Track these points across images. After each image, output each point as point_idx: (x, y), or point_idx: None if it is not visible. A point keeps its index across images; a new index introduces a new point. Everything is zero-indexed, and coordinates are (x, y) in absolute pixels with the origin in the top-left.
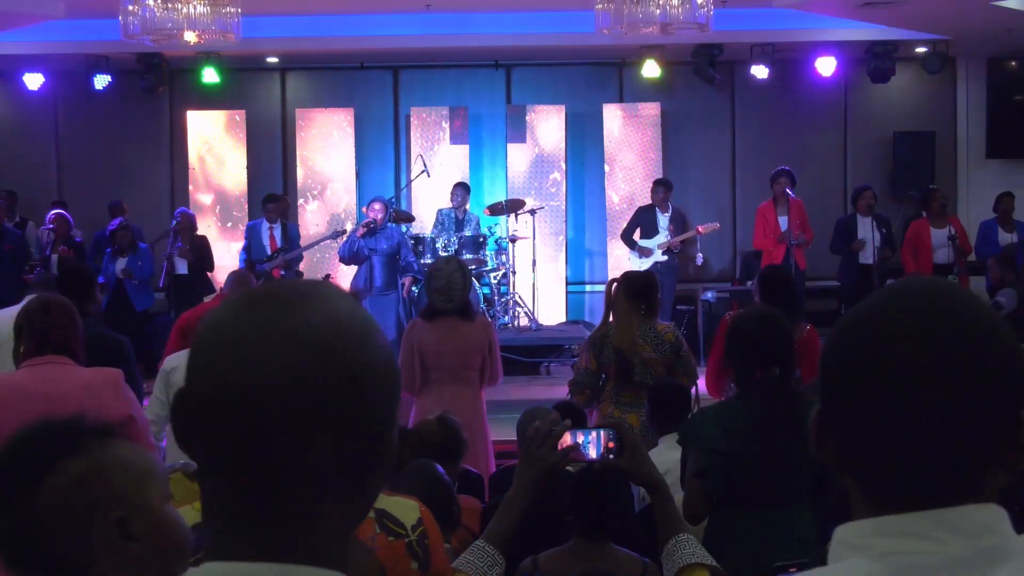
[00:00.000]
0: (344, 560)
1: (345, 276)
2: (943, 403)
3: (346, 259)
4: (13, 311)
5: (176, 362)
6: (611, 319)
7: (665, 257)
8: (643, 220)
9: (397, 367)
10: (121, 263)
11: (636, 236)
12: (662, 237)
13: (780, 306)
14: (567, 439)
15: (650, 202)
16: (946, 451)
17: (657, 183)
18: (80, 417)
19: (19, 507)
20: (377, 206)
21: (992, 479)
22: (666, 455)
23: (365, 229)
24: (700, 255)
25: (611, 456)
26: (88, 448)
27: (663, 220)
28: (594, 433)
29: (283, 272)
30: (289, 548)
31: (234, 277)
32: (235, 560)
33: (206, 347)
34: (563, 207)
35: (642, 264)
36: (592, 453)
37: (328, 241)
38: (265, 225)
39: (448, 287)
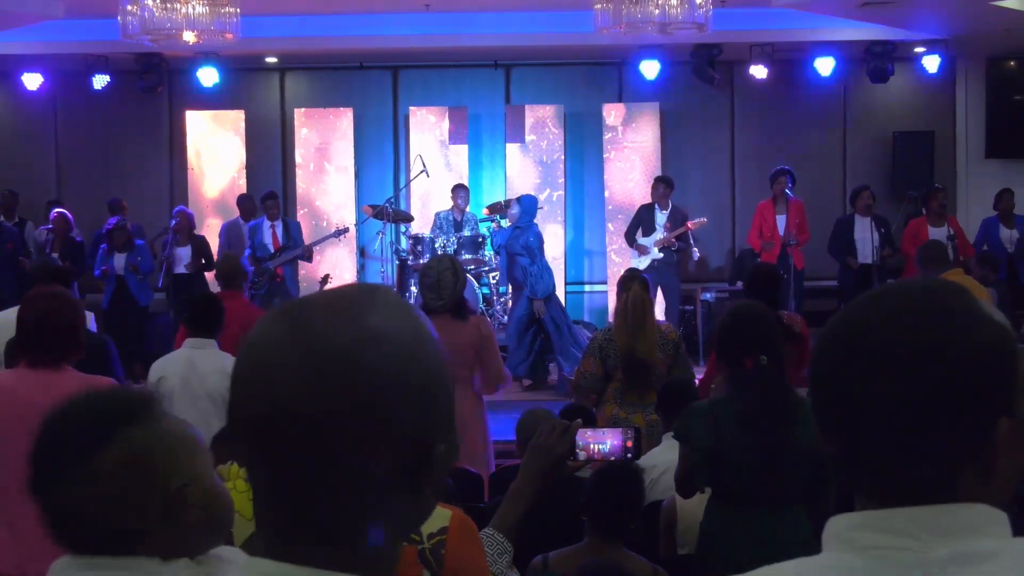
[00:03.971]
0: (389, 570)
1: (345, 277)
2: (906, 395)
3: None
4: (14, 311)
5: (161, 371)
6: (613, 322)
7: (662, 254)
8: (643, 218)
9: (444, 379)
10: (120, 259)
11: (638, 235)
12: (659, 234)
13: (762, 300)
14: (586, 437)
15: (650, 200)
16: (913, 443)
17: (658, 180)
18: (126, 390)
19: (75, 476)
20: None
21: (972, 476)
22: (669, 453)
23: None
24: (696, 251)
25: (629, 455)
26: (145, 417)
27: (661, 218)
28: (612, 432)
29: (285, 269)
30: (347, 558)
31: (225, 267)
32: (286, 562)
33: (247, 364)
34: (562, 207)
35: (641, 262)
36: (610, 453)
37: (331, 240)
38: (267, 223)
39: (438, 285)
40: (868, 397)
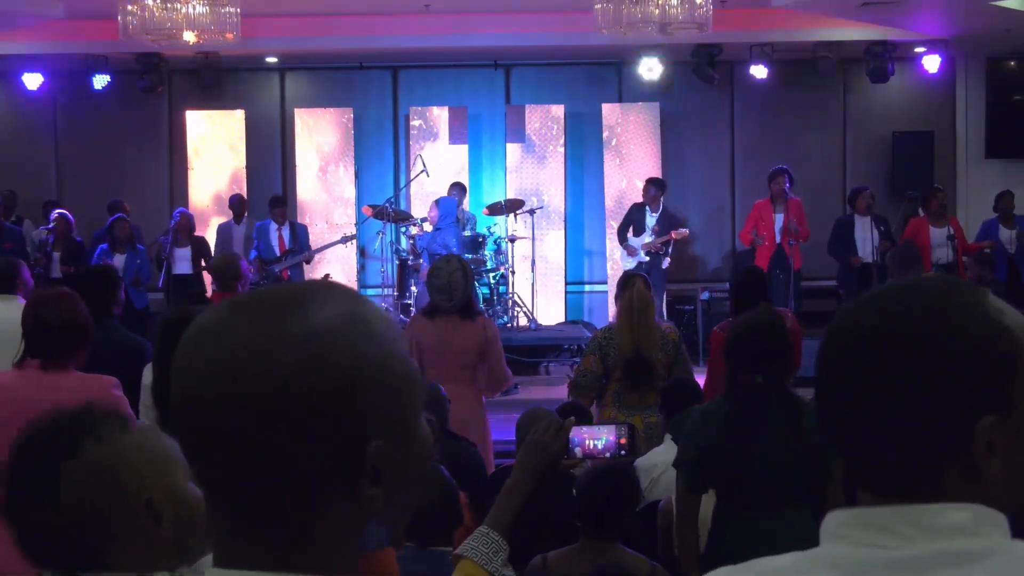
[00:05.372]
0: (350, 569)
1: (345, 277)
2: (890, 389)
3: None
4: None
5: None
6: (616, 320)
7: (647, 258)
8: (634, 218)
9: (407, 371)
10: (119, 260)
11: (630, 233)
12: (646, 237)
13: (750, 301)
14: (581, 434)
15: (642, 200)
16: (896, 436)
17: (649, 182)
18: (90, 406)
19: (43, 496)
20: None
21: (959, 474)
22: (670, 453)
23: None
24: (667, 260)
25: (623, 452)
26: (107, 434)
27: (650, 220)
28: (606, 429)
29: (290, 272)
30: (287, 557)
31: (220, 267)
32: (235, 568)
33: (189, 355)
34: (562, 207)
35: (629, 264)
36: (604, 450)
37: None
38: (273, 226)
39: (449, 286)
40: (856, 391)
